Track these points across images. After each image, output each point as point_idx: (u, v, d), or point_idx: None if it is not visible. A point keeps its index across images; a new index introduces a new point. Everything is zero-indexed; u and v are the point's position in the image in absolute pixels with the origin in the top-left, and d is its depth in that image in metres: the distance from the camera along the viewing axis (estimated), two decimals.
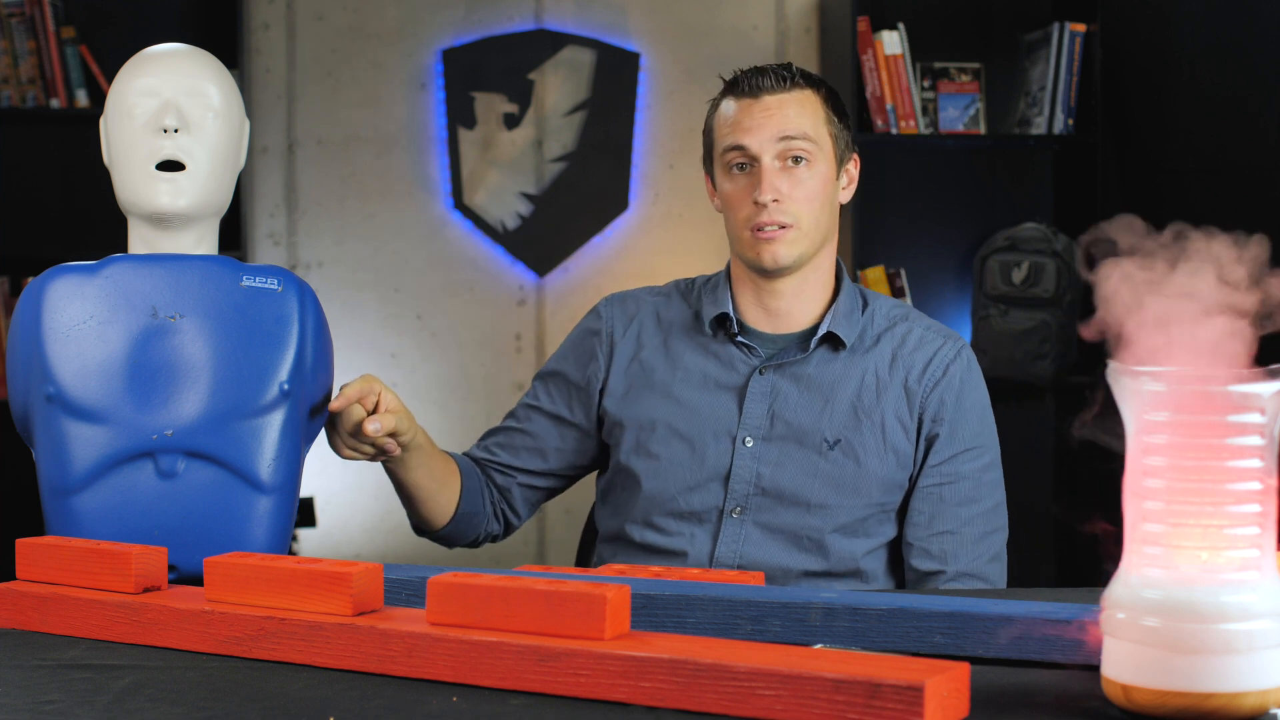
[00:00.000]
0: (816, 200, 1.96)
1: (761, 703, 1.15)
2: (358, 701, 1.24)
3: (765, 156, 1.94)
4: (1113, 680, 1.13)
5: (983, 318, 4.06)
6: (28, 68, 3.89)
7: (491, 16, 4.20)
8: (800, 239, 1.95)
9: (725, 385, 2.01)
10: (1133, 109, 4.00)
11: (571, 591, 1.26)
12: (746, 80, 1.98)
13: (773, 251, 1.94)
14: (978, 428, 2.02)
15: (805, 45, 4.26)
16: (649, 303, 2.10)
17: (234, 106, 1.84)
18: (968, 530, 1.98)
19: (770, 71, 1.97)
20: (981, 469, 2.01)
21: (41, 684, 1.31)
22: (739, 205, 1.96)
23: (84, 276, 1.76)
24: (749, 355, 2.01)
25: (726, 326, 2.03)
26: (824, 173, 1.97)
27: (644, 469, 2.02)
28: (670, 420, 2.01)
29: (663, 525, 2.00)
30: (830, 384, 1.99)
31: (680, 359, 2.04)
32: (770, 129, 1.94)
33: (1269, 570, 1.11)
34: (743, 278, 2.03)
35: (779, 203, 1.93)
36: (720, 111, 2.01)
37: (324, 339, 1.84)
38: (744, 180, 1.96)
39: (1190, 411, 1.11)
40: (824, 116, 1.99)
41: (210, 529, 1.73)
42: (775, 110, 1.95)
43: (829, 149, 1.98)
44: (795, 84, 1.97)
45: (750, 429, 1.98)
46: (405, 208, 4.20)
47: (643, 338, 2.07)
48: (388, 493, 4.15)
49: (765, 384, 1.99)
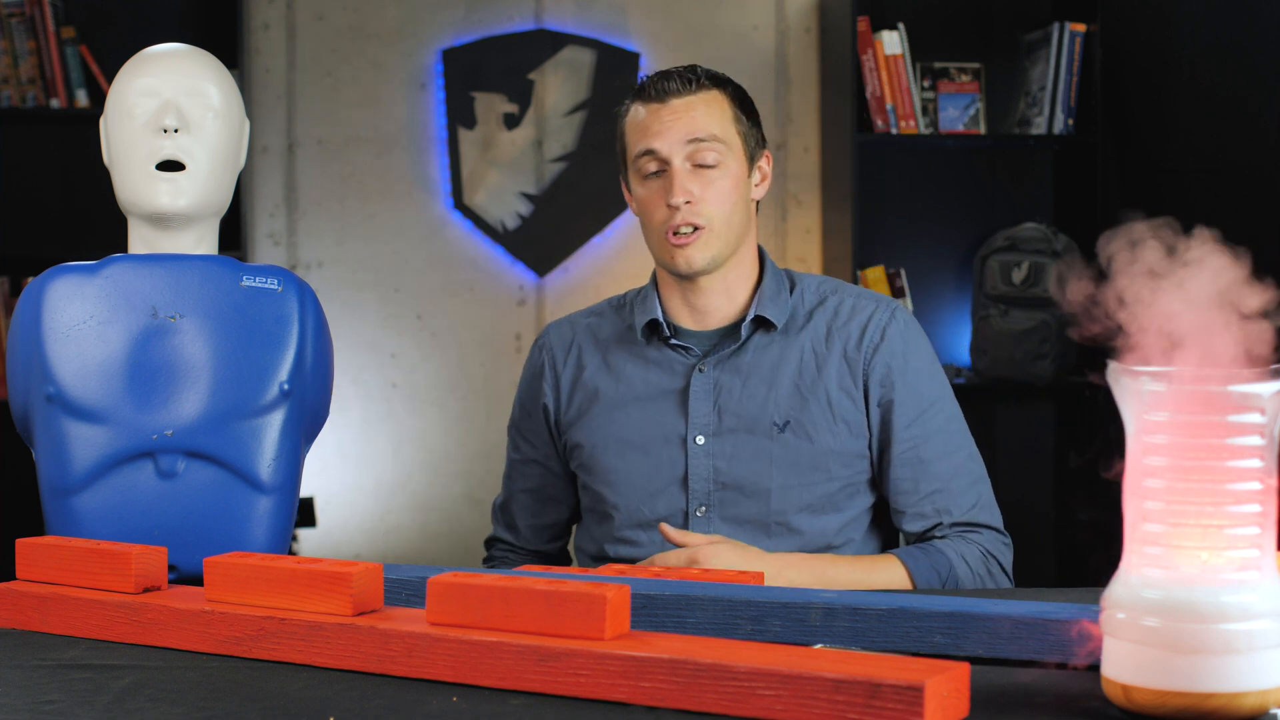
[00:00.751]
0: (728, 200, 1.97)
1: (761, 703, 1.15)
2: (358, 701, 1.24)
3: (675, 159, 1.96)
4: (1113, 680, 1.13)
5: (983, 318, 4.06)
6: (28, 68, 3.89)
7: (491, 16, 4.20)
8: (713, 240, 1.97)
9: (668, 389, 2.02)
10: (1133, 109, 4.00)
11: (571, 591, 1.26)
12: (652, 85, 2.00)
13: (686, 256, 1.97)
14: (931, 383, 2.03)
15: (805, 45, 4.26)
16: (584, 325, 2.13)
17: (234, 106, 1.84)
18: (954, 483, 1.99)
19: (675, 75, 1.99)
20: (947, 420, 2.02)
21: (41, 684, 1.31)
22: (653, 209, 1.98)
23: (84, 276, 1.76)
24: (686, 355, 2.03)
25: (659, 331, 2.05)
26: (735, 172, 1.99)
27: (605, 486, 2.04)
28: (620, 433, 2.03)
29: (633, 538, 2.01)
30: (770, 368, 2.00)
31: (621, 372, 2.06)
32: (678, 131, 1.96)
33: (1269, 570, 1.11)
34: (668, 281, 2.05)
35: (691, 204, 1.95)
36: (630, 118, 2.02)
37: (324, 339, 1.84)
38: (656, 184, 1.98)
39: (1190, 411, 1.11)
40: (732, 115, 2.00)
41: (210, 529, 1.73)
42: (683, 113, 1.97)
43: (739, 148, 2.00)
44: (701, 85, 1.99)
45: (699, 427, 1.99)
46: (405, 208, 4.20)
47: (583, 359, 2.09)
48: (388, 493, 4.17)
49: (707, 380, 2.01)
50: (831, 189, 4.17)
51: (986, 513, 2.01)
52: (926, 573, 1.90)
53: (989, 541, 1.98)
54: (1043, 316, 3.96)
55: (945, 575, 1.91)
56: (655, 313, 2.04)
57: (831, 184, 4.17)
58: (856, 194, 3.98)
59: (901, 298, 4.09)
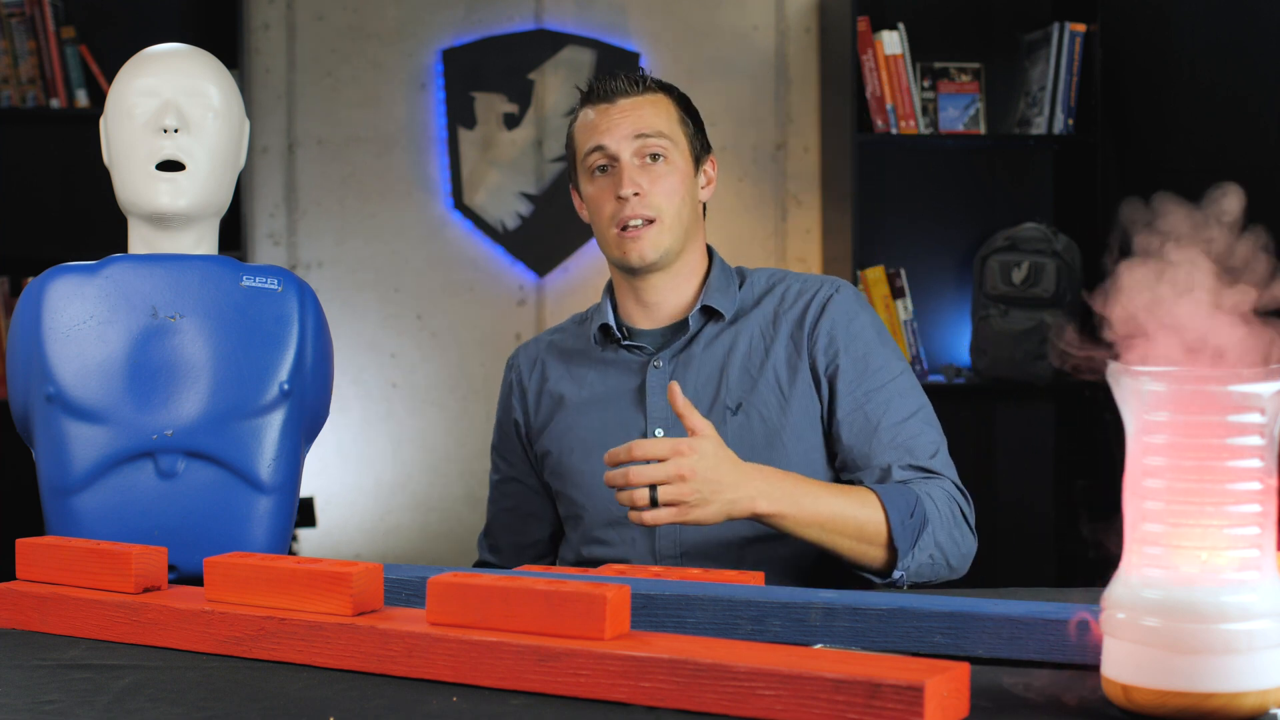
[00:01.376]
0: (677, 194, 2.02)
1: (761, 703, 1.15)
2: (358, 701, 1.24)
3: (624, 154, 2.02)
4: (1113, 680, 1.13)
5: (983, 318, 4.06)
6: (28, 68, 3.89)
7: (491, 16, 4.20)
8: (664, 232, 2.01)
9: (626, 388, 2.06)
10: (1133, 109, 4.00)
11: (571, 591, 1.26)
12: (600, 87, 2.06)
13: (639, 249, 2.01)
14: (878, 347, 2.02)
15: (805, 45, 4.26)
16: (548, 341, 2.19)
17: (234, 106, 1.84)
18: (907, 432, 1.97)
19: (623, 76, 2.06)
20: (894, 379, 2.00)
21: (41, 684, 1.31)
22: (603, 204, 2.03)
23: (84, 276, 1.76)
24: (640, 354, 2.08)
25: (611, 335, 2.09)
26: (682, 168, 2.04)
27: (574, 490, 2.07)
28: (584, 435, 2.06)
29: (604, 537, 2.03)
30: (722, 356, 2.03)
31: (583, 379, 2.10)
32: (626, 127, 2.02)
33: (1269, 570, 1.11)
34: (620, 283, 2.10)
35: (640, 196, 2.00)
36: (579, 121, 2.08)
37: (324, 339, 1.84)
38: (605, 180, 2.03)
39: (1190, 411, 1.11)
40: (677, 117, 2.06)
41: (210, 529, 1.73)
42: (630, 111, 2.03)
43: (685, 147, 2.06)
44: (648, 87, 2.06)
45: (657, 420, 2.02)
46: (405, 208, 4.20)
47: (547, 372, 2.15)
48: (388, 492, 4.17)
49: (662, 375, 2.04)
50: (831, 189, 4.17)
51: (946, 468, 1.98)
52: (897, 501, 1.86)
53: (951, 490, 1.94)
54: (1043, 316, 3.96)
55: (913, 506, 1.87)
56: (607, 317, 2.09)
57: (831, 184, 4.17)
58: (856, 194, 3.98)
59: (901, 298, 4.09)
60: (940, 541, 1.89)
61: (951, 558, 1.91)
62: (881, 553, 1.86)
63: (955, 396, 4.16)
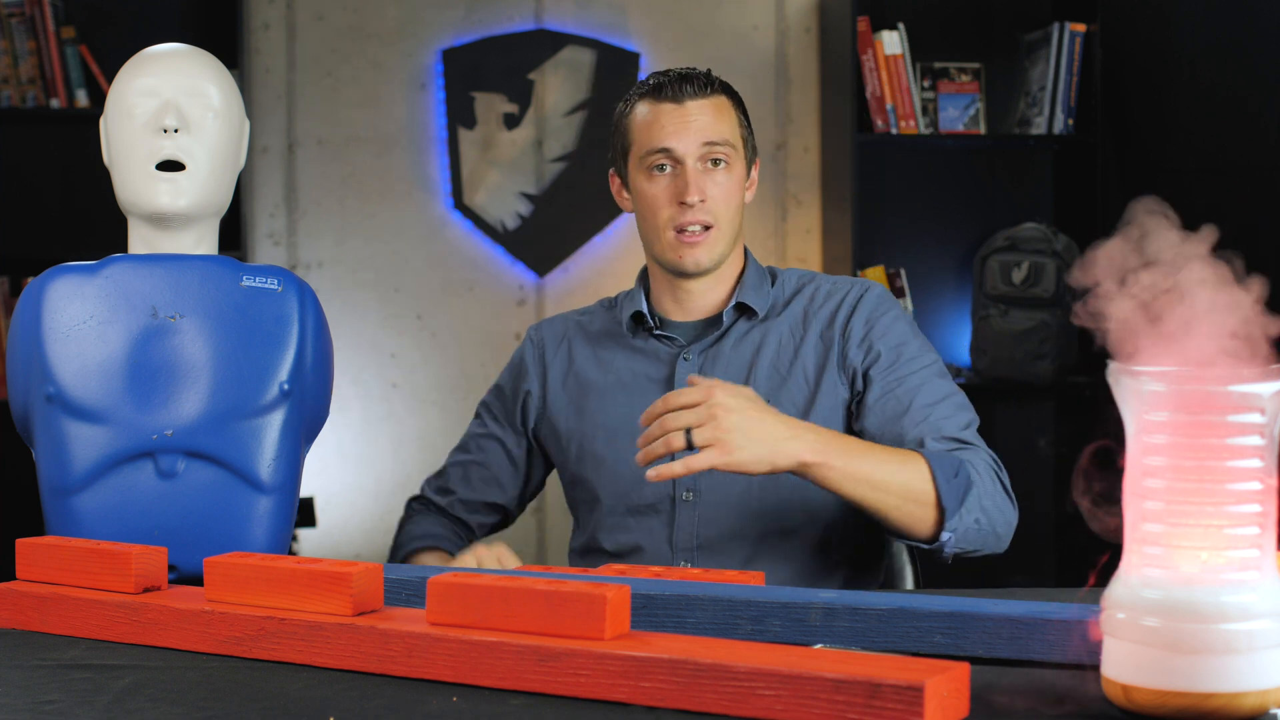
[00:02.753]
0: (734, 201, 2.04)
1: (761, 703, 1.15)
2: (358, 701, 1.24)
3: (690, 159, 2.01)
4: (1113, 680, 1.13)
5: (983, 318, 4.06)
6: (28, 68, 3.89)
7: (491, 16, 4.20)
8: (720, 240, 2.03)
9: (654, 378, 2.08)
10: (1133, 109, 4.00)
11: (571, 591, 1.26)
12: (671, 86, 2.04)
13: (695, 256, 2.02)
14: (910, 337, 2.03)
15: (805, 45, 4.26)
16: (575, 321, 2.19)
17: (234, 106, 1.84)
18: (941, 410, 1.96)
19: (693, 78, 2.05)
20: (925, 365, 2.00)
21: (41, 684, 1.31)
22: (660, 205, 2.03)
23: (84, 276, 1.76)
24: (671, 345, 2.09)
25: (644, 323, 2.10)
26: (739, 175, 2.06)
27: (594, 474, 2.07)
28: (609, 422, 2.07)
29: (623, 524, 2.04)
30: (751, 353, 2.05)
31: (611, 364, 2.11)
32: (695, 134, 2.02)
33: (1269, 570, 1.11)
34: (659, 276, 2.11)
35: (704, 203, 2.01)
36: (637, 114, 2.06)
37: (324, 339, 1.84)
38: (666, 181, 2.03)
39: (1190, 411, 1.10)
40: (737, 121, 2.07)
41: (210, 529, 1.73)
42: (698, 115, 2.03)
43: (742, 152, 2.07)
44: (715, 91, 2.06)
45: None
46: (405, 208, 4.20)
47: (574, 353, 2.15)
48: (388, 492, 4.17)
49: (691, 367, 2.05)
50: (831, 189, 4.17)
51: (980, 440, 1.96)
52: (941, 461, 1.83)
53: (988, 459, 1.93)
54: (1043, 316, 3.96)
55: (957, 468, 1.84)
56: (640, 305, 2.10)
57: (831, 184, 4.16)
58: (856, 194, 3.98)
59: (901, 298, 4.09)
60: (985, 507, 1.86)
61: (998, 524, 1.88)
62: (929, 513, 1.82)
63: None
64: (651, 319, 2.10)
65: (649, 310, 2.10)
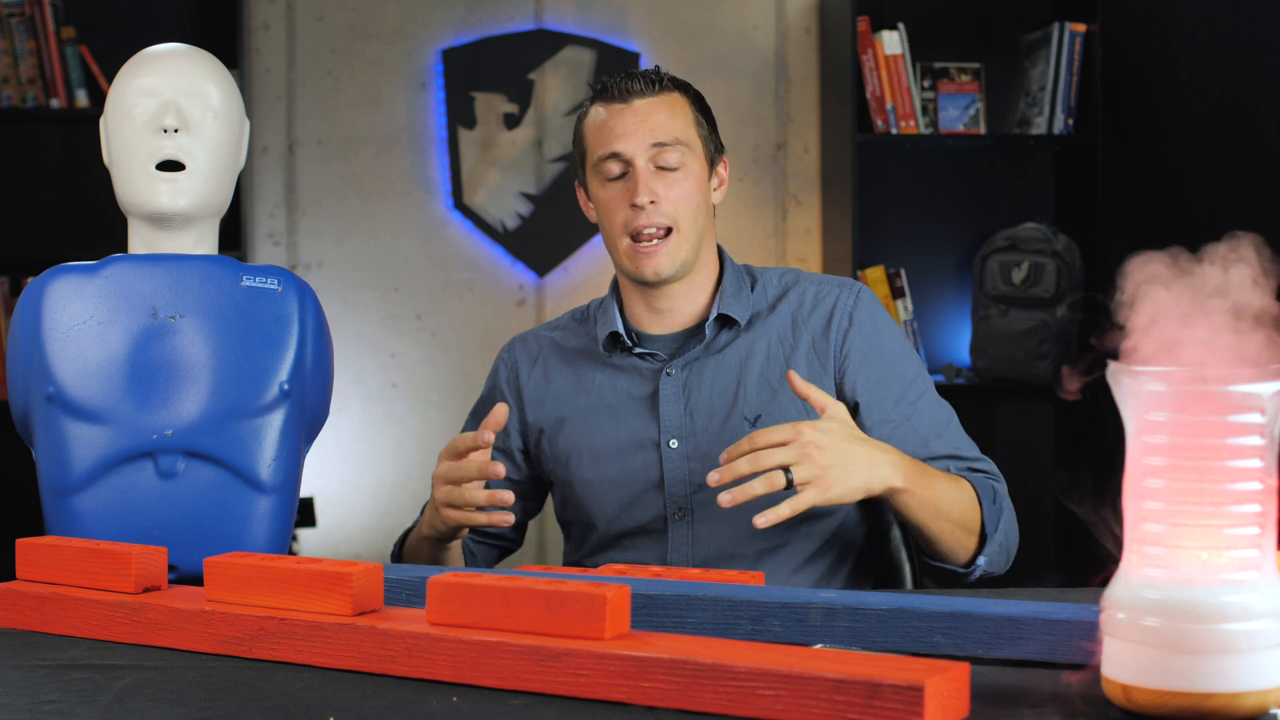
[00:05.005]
0: (693, 201, 1.96)
1: (761, 703, 1.15)
2: (358, 701, 1.24)
3: (639, 160, 1.95)
4: (1113, 680, 1.13)
5: (983, 318, 4.06)
6: (28, 68, 3.89)
7: (491, 16, 4.20)
8: (681, 244, 1.96)
9: (638, 395, 2.00)
10: (1133, 109, 4.00)
11: (571, 591, 1.26)
12: (615, 86, 1.98)
13: (654, 265, 1.95)
14: (906, 360, 2.01)
15: (805, 45, 4.26)
16: (548, 339, 2.10)
17: (234, 106, 1.84)
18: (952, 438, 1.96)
19: (639, 76, 1.98)
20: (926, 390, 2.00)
21: (41, 684, 1.31)
22: (615, 210, 1.96)
23: (84, 276, 1.76)
24: (652, 361, 2.01)
25: (621, 342, 2.03)
26: (697, 173, 1.98)
27: (584, 497, 2.02)
28: (594, 444, 2.01)
29: (616, 544, 2.00)
30: (737, 364, 1.98)
31: (590, 383, 2.03)
32: (643, 133, 1.95)
33: (1269, 570, 1.11)
34: (629, 288, 2.03)
35: (656, 204, 1.94)
36: (590, 119, 2.00)
37: (324, 339, 1.84)
38: (618, 185, 1.96)
39: (1190, 411, 1.10)
40: (693, 119, 2.00)
41: (210, 529, 1.73)
42: (646, 114, 1.96)
43: (700, 150, 1.99)
44: (664, 87, 1.98)
45: (671, 431, 1.97)
46: (405, 208, 4.20)
47: (550, 373, 2.07)
48: (388, 492, 4.17)
49: (675, 383, 1.99)
50: (831, 189, 4.17)
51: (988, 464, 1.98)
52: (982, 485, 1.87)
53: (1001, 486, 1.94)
54: (1043, 316, 3.96)
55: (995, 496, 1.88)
56: (615, 324, 2.02)
57: (831, 184, 4.16)
58: (856, 194, 3.98)
59: (901, 298, 4.09)
60: (1007, 529, 1.90)
61: (1012, 546, 1.92)
62: (973, 541, 1.86)
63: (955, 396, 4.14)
64: (629, 335, 2.02)
65: (625, 328, 2.03)
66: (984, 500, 1.86)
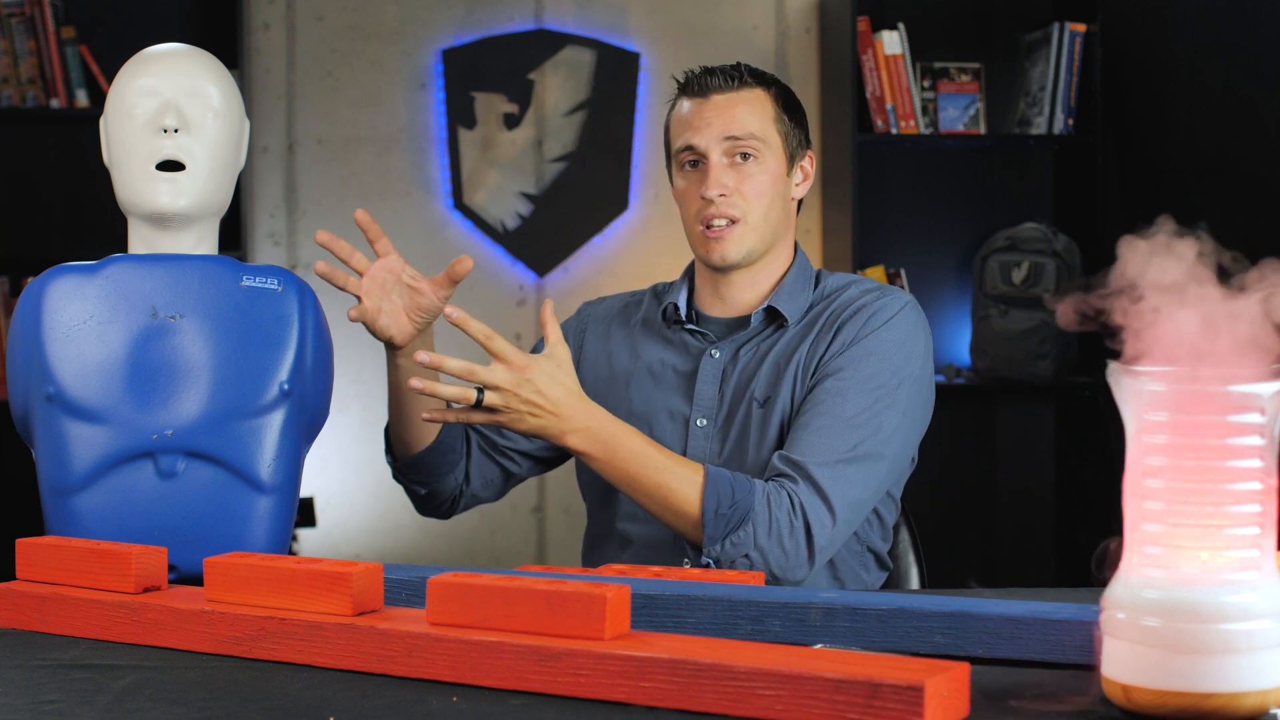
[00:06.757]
0: (765, 196, 2.00)
1: (761, 703, 1.15)
2: (358, 701, 1.24)
3: (713, 153, 1.99)
4: (1113, 680, 1.13)
5: (983, 318, 4.06)
6: (28, 68, 3.89)
7: (491, 16, 4.20)
8: (748, 234, 2.00)
9: (681, 370, 2.06)
10: (1133, 109, 4.00)
11: (571, 591, 1.26)
12: (696, 81, 2.03)
13: (720, 250, 2.00)
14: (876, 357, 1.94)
15: (805, 45, 4.26)
16: (620, 305, 2.18)
17: (234, 106, 1.84)
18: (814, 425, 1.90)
19: (719, 71, 2.02)
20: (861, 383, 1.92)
21: (41, 684, 1.31)
22: (689, 201, 2.03)
23: (84, 276, 1.76)
24: (702, 340, 2.07)
25: (678, 317, 2.08)
26: (773, 169, 2.01)
27: None
28: (634, 408, 2.05)
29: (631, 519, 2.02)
30: (775, 357, 2.01)
31: (642, 352, 2.10)
32: (717, 127, 1.99)
33: (1269, 570, 1.11)
34: (701, 269, 2.10)
35: (726, 196, 1.98)
36: (675, 112, 2.06)
37: (324, 339, 1.84)
38: (694, 176, 2.02)
39: (1190, 411, 1.11)
40: (773, 115, 2.02)
41: (210, 529, 1.73)
42: (723, 109, 2.00)
43: (778, 146, 2.02)
44: (744, 83, 2.02)
45: (702, 410, 2.02)
46: (405, 208, 4.20)
47: (612, 335, 2.14)
48: (388, 493, 4.17)
49: (716, 365, 2.03)
50: (831, 189, 4.17)
51: (831, 480, 1.87)
52: (723, 489, 1.82)
53: (808, 502, 1.86)
54: (1043, 316, 3.96)
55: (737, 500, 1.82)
56: (677, 298, 2.09)
57: (831, 184, 4.17)
58: (856, 194, 3.98)
59: None
60: (762, 545, 1.83)
61: (775, 567, 1.84)
62: (692, 530, 1.85)
63: (955, 396, 4.16)
64: (690, 312, 2.09)
65: (688, 303, 2.09)
66: (709, 500, 1.82)
